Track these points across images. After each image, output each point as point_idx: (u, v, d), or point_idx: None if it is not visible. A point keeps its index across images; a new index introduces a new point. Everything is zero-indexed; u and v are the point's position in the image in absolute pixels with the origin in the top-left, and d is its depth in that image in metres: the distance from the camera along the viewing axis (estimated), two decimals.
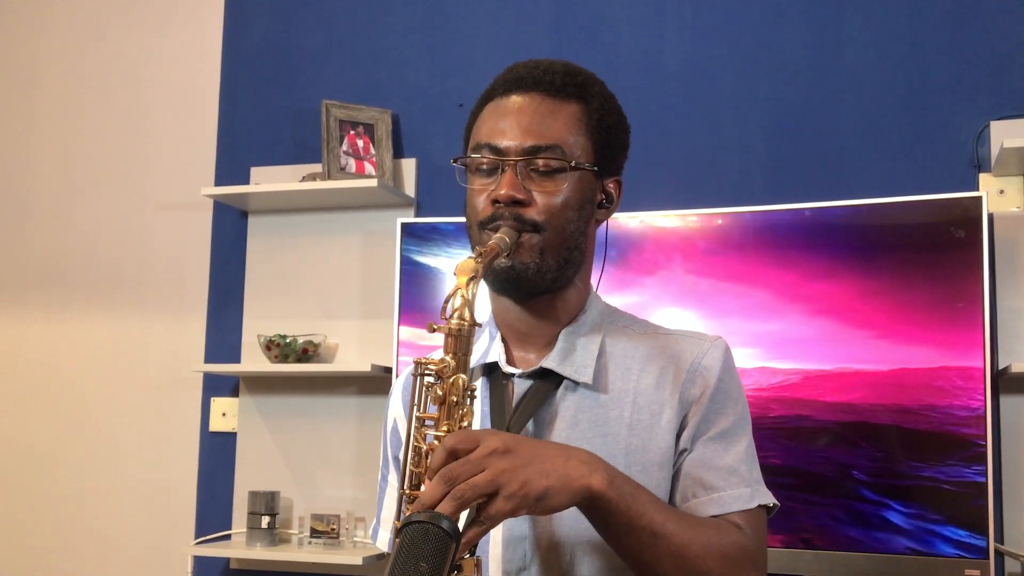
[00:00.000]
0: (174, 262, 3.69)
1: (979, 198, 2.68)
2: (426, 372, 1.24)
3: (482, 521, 1.12)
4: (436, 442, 1.20)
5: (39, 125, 3.92)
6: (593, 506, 1.18)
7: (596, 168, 1.40)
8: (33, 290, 3.83)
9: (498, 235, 1.31)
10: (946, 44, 3.03)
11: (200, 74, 3.76)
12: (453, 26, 3.50)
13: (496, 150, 1.36)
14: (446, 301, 1.24)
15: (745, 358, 2.78)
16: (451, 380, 1.22)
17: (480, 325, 1.26)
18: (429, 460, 1.18)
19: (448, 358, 1.22)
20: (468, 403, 1.23)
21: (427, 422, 1.24)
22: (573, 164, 1.36)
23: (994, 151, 2.89)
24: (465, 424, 1.22)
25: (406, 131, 3.50)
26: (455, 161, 1.43)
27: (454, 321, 1.23)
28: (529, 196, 1.34)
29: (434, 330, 1.23)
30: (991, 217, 2.82)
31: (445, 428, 1.21)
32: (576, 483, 1.15)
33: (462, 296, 1.23)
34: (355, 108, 3.43)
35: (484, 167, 1.38)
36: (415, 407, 1.24)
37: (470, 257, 1.26)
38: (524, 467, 1.13)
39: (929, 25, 3.05)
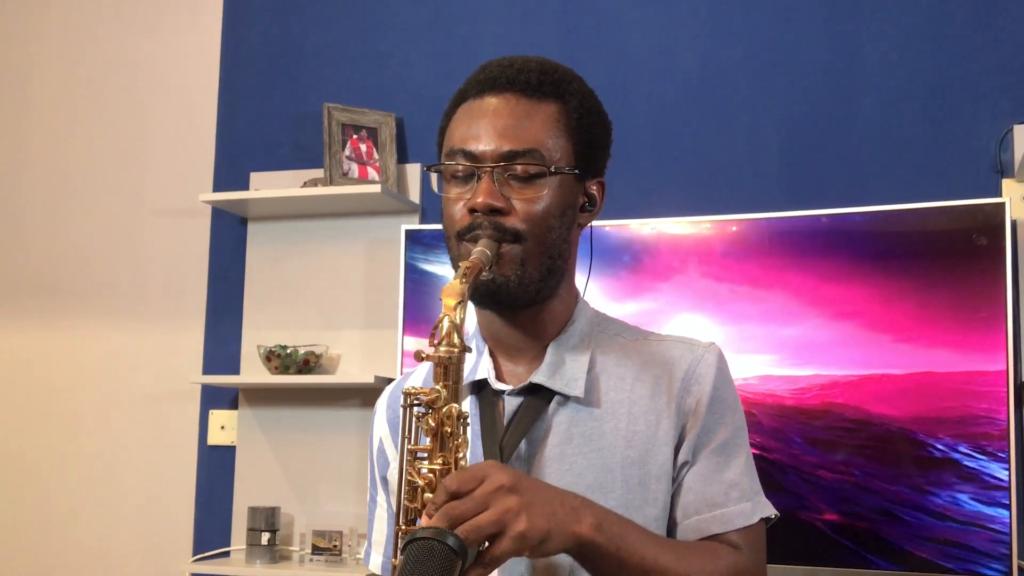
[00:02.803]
0: (171, 270, 3.71)
1: (1002, 204, 2.69)
2: (415, 403, 1.23)
3: (486, 563, 1.12)
4: (431, 475, 1.20)
5: (32, 129, 3.94)
6: (583, 552, 1.19)
7: (577, 170, 1.38)
8: (26, 299, 3.85)
9: (478, 249, 1.29)
10: (967, 46, 3.04)
11: (198, 76, 3.77)
12: (458, 26, 3.52)
13: (471, 156, 1.34)
14: (434, 327, 1.22)
15: (763, 364, 2.78)
16: (444, 410, 1.21)
17: (470, 350, 1.25)
18: (426, 496, 1.18)
19: (439, 387, 1.21)
20: (462, 432, 1.22)
21: (420, 455, 1.22)
22: (553, 169, 1.34)
23: (1017, 156, 2.89)
24: (460, 455, 1.21)
25: (410, 135, 3.52)
26: (428, 168, 1.41)
27: (443, 349, 1.22)
28: (508, 204, 1.32)
29: (423, 358, 1.22)
30: (1014, 224, 2.81)
31: (440, 461, 1.20)
32: (567, 529, 1.16)
33: (450, 321, 1.22)
34: (358, 111, 3.45)
35: (459, 174, 1.36)
36: (406, 439, 1.23)
37: (455, 278, 1.25)
38: (528, 507, 1.13)
39: (950, 26, 3.05)
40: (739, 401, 1.41)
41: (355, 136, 3.43)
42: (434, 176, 1.42)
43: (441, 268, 3.13)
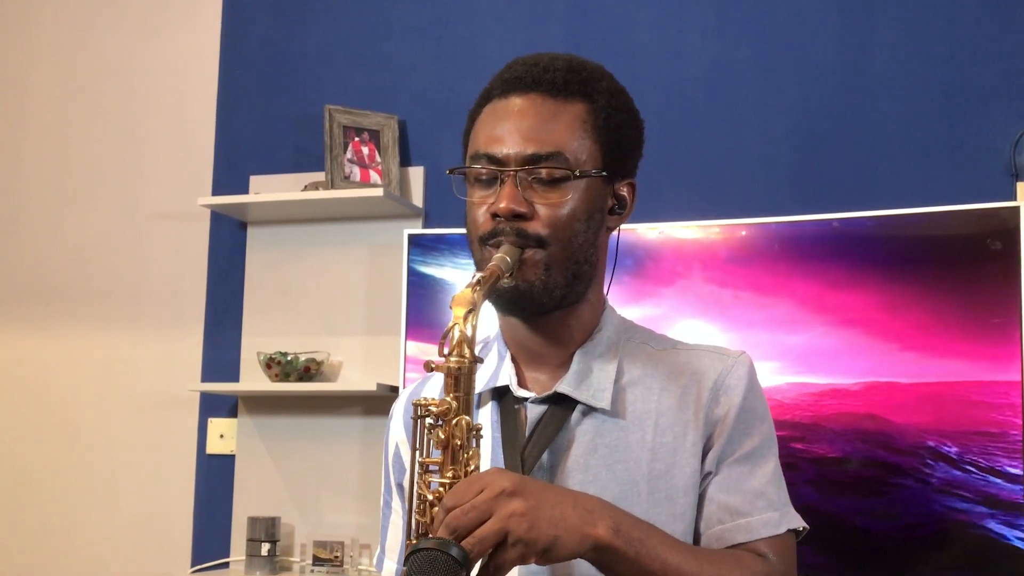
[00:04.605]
0: (169, 275, 3.72)
1: (1016, 208, 2.67)
2: (426, 414, 1.23)
3: (491, 573, 1.13)
4: (441, 489, 1.20)
5: (28, 132, 3.95)
6: (600, 558, 1.18)
7: (605, 173, 1.37)
8: (21, 305, 3.85)
9: (499, 255, 1.29)
10: (981, 47, 3.04)
11: (197, 77, 3.78)
12: (462, 27, 3.53)
13: (494, 159, 1.34)
14: (444, 336, 1.23)
15: (767, 372, 2.78)
16: (454, 422, 1.21)
17: (482, 361, 1.25)
18: (435, 511, 1.18)
19: (449, 399, 1.22)
20: (474, 445, 1.23)
21: (430, 467, 1.23)
22: (578, 172, 1.33)
23: None
24: (472, 468, 1.21)
25: (413, 138, 3.53)
26: (451, 172, 1.40)
27: (453, 359, 1.22)
28: (531, 209, 1.32)
29: (432, 369, 1.22)
30: None
31: (450, 474, 1.21)
32: (581, 533, 1.15)
33: (460, 331, 1.22)
34: (360, 113, 3.46)
35: (483, 177, 1.36)
36: (416, 451, 1.24)
37: (468, 286, 1.24)
38: (532, 511, 1.13)
39: (964, 26, 3.06)
40: (769, 413, 1.40)
41: (357, 139, 3.44)
42: (456, 179, 1.41)
43: (445, 272, 3.14)
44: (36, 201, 3.90)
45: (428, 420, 1.23)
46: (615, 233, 1.47)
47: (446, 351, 1.23)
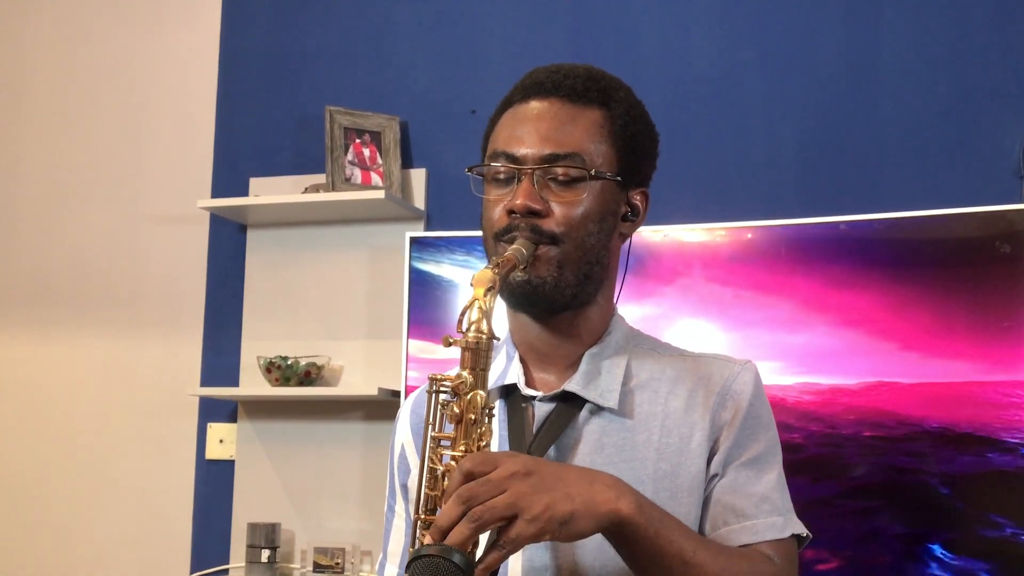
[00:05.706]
0: (168, 279, 3.72)
1: None
2: (441, 389, 1.27)
3: (502, 545, 1.14)
4: (453, 463, 1.22)
5: (26, 133, 3.96)
6: (620, 532, 1.20)
7: (619, 178, 1.42)
8: (18, 308, 3.86)
9: (514, 247, 1.33)
10: (989, 47, 3.05)
11: (196, 78, 3.79)
12: (465, 28, 3.53)
13: (513, 158, 1.39)
14: (462, 313, 1.26)
15: (769, 372, 2.78)
16: (468, 397, 1.24)
17: (498, 339, 1.28)
18: (446, 482, 1.21)
19: (465, 373, 1.25)
20: (487, 422, 1.25)
21: (443, 442, 1.26)
22: (593, 173, 1.38)
23: None
24: (484, 444, 1.24)
25: (415, 139, 3.54)
26: (470, 170, 1.45)
27: (471, 334, 1.25)
28: (546, 206, 1.36)
29: (450, 344, 1.25)
30: None
31: (462, 448, 1.23)
32: (602, 507, 1.18)
33: (479, 308, 1.25)
34: (361, 115, 3.47)
35: (501, 176, 1.40)
36: (430, 426, 1.27)
37: (487, 267, 1.29)
38: (547, 490, 1.15)
39: (971, 27, 3.07)
40: (773, 421, 1.44)
41: (358, 140, 3.45)
42: (474, 179, 1.46)
43: (443, 270, 3.13)
44: (34, 203, 3.91)
45: (443, 395, 1.27)
46: (626, 242, 1.51)
47: (464, 327, 1.26)
